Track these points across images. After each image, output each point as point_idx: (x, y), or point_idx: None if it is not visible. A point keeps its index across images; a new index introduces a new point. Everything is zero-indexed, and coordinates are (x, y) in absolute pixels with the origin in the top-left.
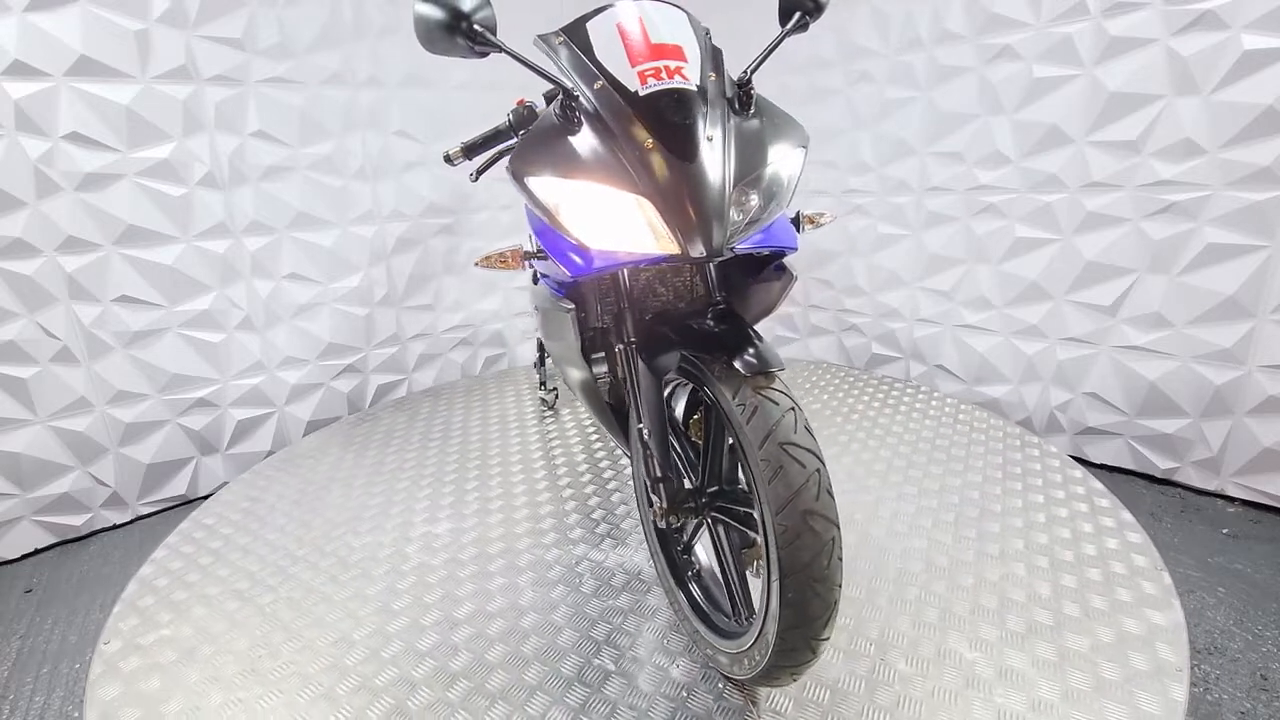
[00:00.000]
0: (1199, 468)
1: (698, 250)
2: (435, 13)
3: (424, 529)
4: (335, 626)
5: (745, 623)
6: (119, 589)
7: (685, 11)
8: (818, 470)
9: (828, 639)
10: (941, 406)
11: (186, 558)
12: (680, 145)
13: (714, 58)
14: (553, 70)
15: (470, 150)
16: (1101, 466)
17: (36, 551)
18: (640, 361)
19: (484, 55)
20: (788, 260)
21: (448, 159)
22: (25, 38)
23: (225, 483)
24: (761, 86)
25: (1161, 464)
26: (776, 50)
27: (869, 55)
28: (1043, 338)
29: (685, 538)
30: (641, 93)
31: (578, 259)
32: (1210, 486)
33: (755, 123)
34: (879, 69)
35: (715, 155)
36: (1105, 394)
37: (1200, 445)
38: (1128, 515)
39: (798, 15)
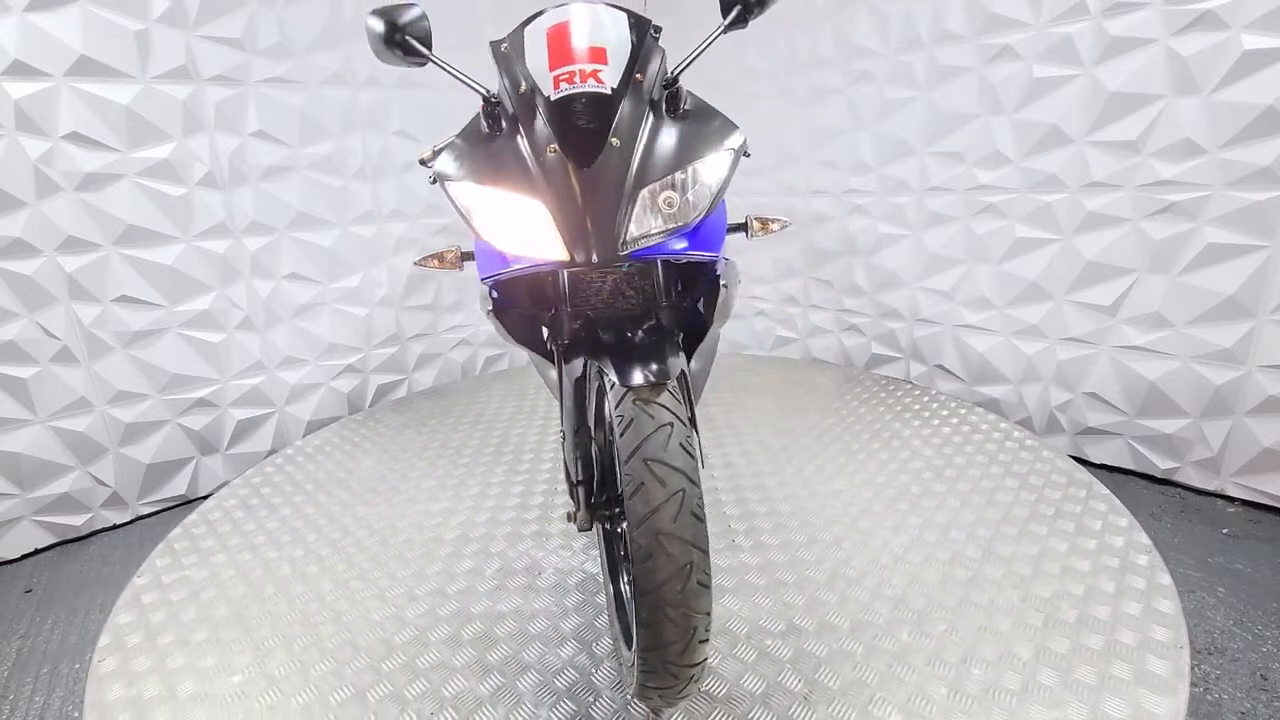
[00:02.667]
0: (1199, 468)
1: (584, 256)
2: (376, 26)
3: (418, 515)
4: (316, 584)
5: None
6: (119, 589)
7: (626, 11)
8: (681, 491)
9: (694, 667)
10: (950, 409)
11: (220, 514)
12: (580, 150)
13: (648, 59)
14: (499, 76)
15: (440, 154)
16: (1101, 466)
17: (36, 551)
18: (563, 364)
19: (421, 65)
20: (729, 266)
21: (423, 163)
22: (25, 38)
23: (226, 482)
24: (765, 86)
25: (1161, 464)
26: (777, 50)
27: (869, 55)
28: (1043, 338)
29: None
30: (553, 97)
31: (491, 262)
32: (1210, 486)
33: (678, 125)
34: (879, 69)
35: (618, 159)
36: (1105, 394)
37: (1200, 445)
38: (1166, 579)
39: (737, 9)
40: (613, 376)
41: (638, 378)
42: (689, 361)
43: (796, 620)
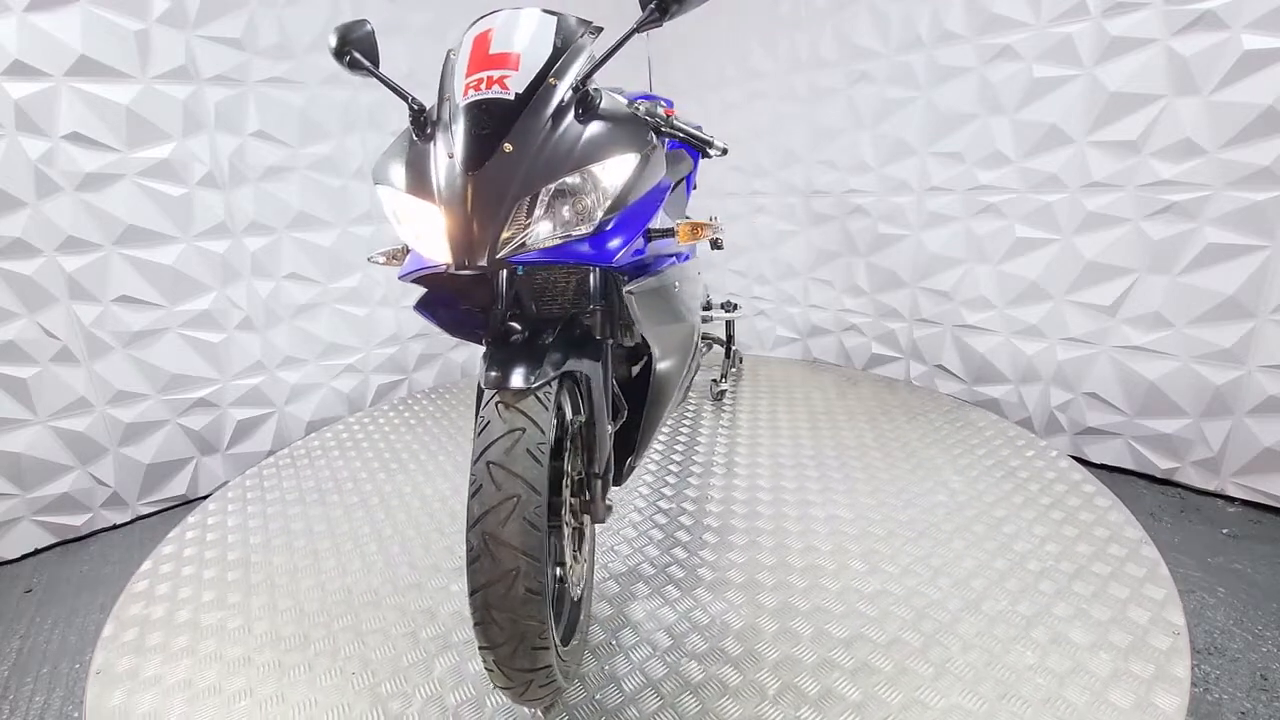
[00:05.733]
0: (1199, 468)
1: (467, 261)
2: (330, 40)
3: (424, 493)
4: (316, 541)
5: None
6: (119, 589)
7: (558, 15)
8: (515, 498)
9: (532, 672)
10: (979, 415)
11: (273, 470)
12: (476, 156)
13: (569, 63)
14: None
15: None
16: (1101, 466)
17: (36, 551)
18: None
19: (367, 75)
20: (671, 268)
21: None
22: (25, 38)
23: (225, 482)
24: (766, 86)
25: (1161, 464)
26: (779, 50)
27: (869, 55)
28: (1043, 338)
29: None
30: (461, 104)
31: (411, 261)
32: (1210, 486)
33: (583, 129)
34: (879, 69)
35: (508, 165)
36: (1105, 394)
37: (1200, 445)
38: (1182, 668)
39: (651, 7)
40: (480, 378)
41: (513, 379)
42: (658, 364)
43: (723, 644)
